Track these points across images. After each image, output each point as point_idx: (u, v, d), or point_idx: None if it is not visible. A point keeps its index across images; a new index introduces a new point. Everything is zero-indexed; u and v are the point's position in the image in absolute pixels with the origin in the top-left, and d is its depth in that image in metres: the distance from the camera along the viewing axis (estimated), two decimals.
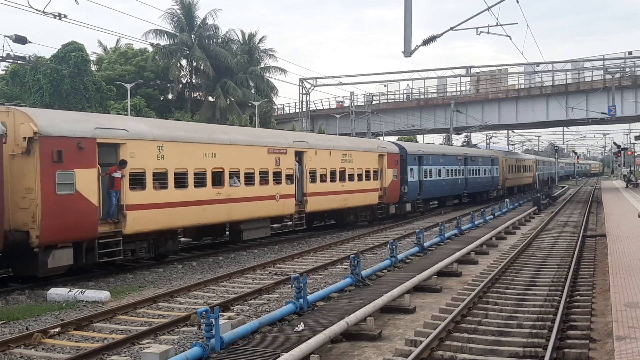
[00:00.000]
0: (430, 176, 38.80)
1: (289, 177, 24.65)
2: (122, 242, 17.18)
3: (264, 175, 23.16)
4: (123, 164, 17.19)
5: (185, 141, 19.63)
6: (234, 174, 21.69)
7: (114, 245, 16.99)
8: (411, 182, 35.60)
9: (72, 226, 15.78)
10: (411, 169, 35.66)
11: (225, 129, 24.56)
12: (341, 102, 64.76)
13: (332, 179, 27.68)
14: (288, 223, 27.50)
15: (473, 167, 47.29)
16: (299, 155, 25.57)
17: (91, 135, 16.49)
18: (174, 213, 18.95)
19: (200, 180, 20.05)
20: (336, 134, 54.14)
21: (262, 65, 69.20)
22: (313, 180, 26.29)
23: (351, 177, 29.12)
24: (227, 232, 23.91)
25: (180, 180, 19.23)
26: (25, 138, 15.01)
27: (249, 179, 22.42)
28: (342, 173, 28.50)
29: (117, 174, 17.07)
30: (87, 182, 16.20)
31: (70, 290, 14.72)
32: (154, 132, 18.69)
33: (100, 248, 16.62)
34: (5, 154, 14.78)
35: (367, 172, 30.66)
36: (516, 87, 60.07)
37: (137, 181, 17.75)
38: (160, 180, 18.51)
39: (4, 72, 52.96)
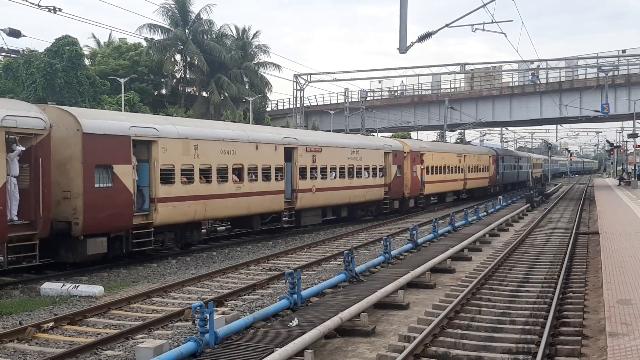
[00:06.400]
0: (505, 170, 59.37)
1: (462, 169, 45.42)
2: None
3: (455, 168, 43.96)
4: (422, 162, 37.25)
5: (437, 151, 41.34)
6: (448, 167, 42.55)
7: (415, 200, 37.58)
8: (499, 173, 56.62)
9: (396, 192, 34.55)
10: (499, 165, 56.12)
11: (445, 145, 48.65)
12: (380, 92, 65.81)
13: (474, 171, 48.40)
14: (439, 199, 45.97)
15: (520, 164, 68.64)
16: (464, 157, 46.13)
17: (412, 149, 36.70)
18: (435, 186, 40.39)
19: (442, 170, 41.32)
20: (330, 130, 54.26)
21: (256, 60, 69.04)
22: (469, 171, 46.99)
23: (479, 170, 50.25)
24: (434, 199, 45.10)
25: (436, 169, 40.29)
26: (404, 152, 35.38)
27: (452, 170, 43.35)
28: (477, 167, 49.48)
29: (422, 166, 37.13)
30: (412, 170, 36.12)
31: (63, 285, 14.68)
32: (430, 147, 41.14)
33: (407, 201, 36.43)
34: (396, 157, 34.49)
35: (484, 167, 51.71)
36: (510, 84, 60.15)
37: (427, 170, 38.50)
38: (432, 169, 39.39)
39: None
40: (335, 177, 28.47)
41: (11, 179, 14.75)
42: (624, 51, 52.65)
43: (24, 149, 15.07)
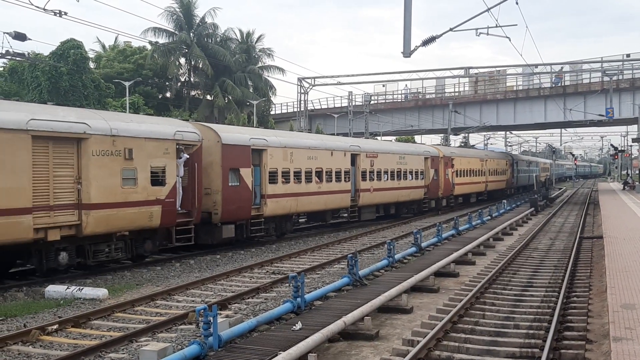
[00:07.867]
0: (519, 173, 65.07)
1: (484, 172, 50.52)
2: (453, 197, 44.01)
3: (479, 171, 48.92)
4: (452, 166, 41.70)
5: (464, 156, 46.26)
6: (473, 171, 47.46)
7: (447, 200, 42.35)
8: (514, 176, 61.67)
9: (433, 192, 39.37)
10: (514, 168, 61.59)
11: (470, 150, 55.30)
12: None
13: (494, 174, 53.65)
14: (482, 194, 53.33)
15: (531, 168, 74.99)
16: (486, 162, 51.19)
17: (445, 155, 41.29)
18: (463, 187, 45.34)
19: (469, 173, 46.55)
20: (334, 134, 54.32)
21: (260, 64, 69.11)
22: (489, 174, 52.44)
23: (498, 173, 55.28)
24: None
25: (464, 173, 45.51)
26: (439, 157, 39.41)
27: (476, 174, 48.23)
28: (496, 170, 54.47)
29: (452, 170, 41.69)
30: (445, 173, 40.85)
31: (67, 288, 14.72)
32: (458, 153, 46.57)
33: (441, 201, 40.91)
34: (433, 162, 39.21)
35: (502, 170, 56.77)
36: (514, 88, 60.09)
37: (457, 173, 43.16)
38: (460, 172, 44.11)
39: (2, 69, 52.87)
40: (387, 179, 33.23)
41: (179, 179, 19.29)
42: (628, 55, 52.54)
43: (188, 156, 19.67)
